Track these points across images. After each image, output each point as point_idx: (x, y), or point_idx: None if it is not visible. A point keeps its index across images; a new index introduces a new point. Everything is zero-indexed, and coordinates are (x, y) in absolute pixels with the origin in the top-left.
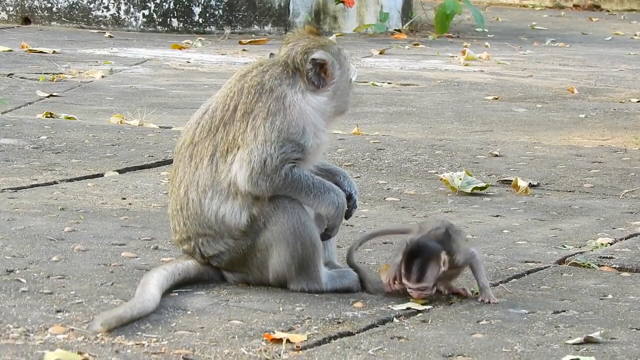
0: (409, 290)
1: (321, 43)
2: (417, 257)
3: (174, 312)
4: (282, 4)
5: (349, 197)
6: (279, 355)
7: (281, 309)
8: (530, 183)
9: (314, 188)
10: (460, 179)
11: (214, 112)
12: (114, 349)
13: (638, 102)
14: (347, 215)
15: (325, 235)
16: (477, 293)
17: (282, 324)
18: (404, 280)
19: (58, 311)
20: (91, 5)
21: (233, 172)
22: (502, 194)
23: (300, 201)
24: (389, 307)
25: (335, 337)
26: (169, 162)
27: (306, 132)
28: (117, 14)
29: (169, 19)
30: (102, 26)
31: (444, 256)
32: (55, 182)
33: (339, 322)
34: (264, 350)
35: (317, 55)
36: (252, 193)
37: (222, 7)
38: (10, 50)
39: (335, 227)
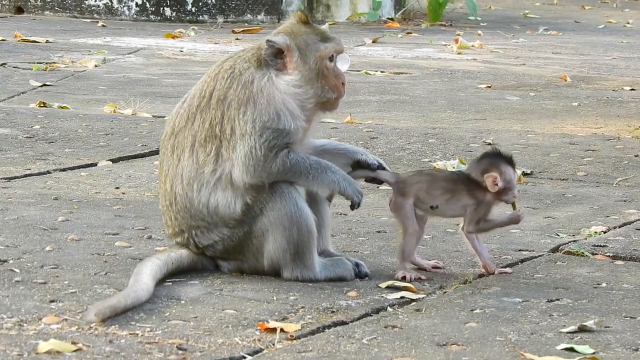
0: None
1: (292, 30)
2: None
3: (168, 302)
4: None
5: (381, 167)
6: (273, 344)
7: (275, 298)
8: (523, 171)
9: (312, 169)
10: (454, 168)
11: (192, 100)
12: (107, 338)
13: (631, 90)
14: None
15: (351, 208)
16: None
17: (276, 313)
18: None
19: (52, 301)
20: None
21: (225, 170)
22: None
23: (300, 184)
24: (382, 296)
25: (329, 326)
26: None
27: (281, 117)
28: (110, 3)
29: (161, 8)
30: (95, 15)
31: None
32: (48, 172)
33: (332, 311)
34: (258, 340)
35: (274, 38)
36: (252, 184)
37: None
38: (4, 40)
39: (351, 199)
